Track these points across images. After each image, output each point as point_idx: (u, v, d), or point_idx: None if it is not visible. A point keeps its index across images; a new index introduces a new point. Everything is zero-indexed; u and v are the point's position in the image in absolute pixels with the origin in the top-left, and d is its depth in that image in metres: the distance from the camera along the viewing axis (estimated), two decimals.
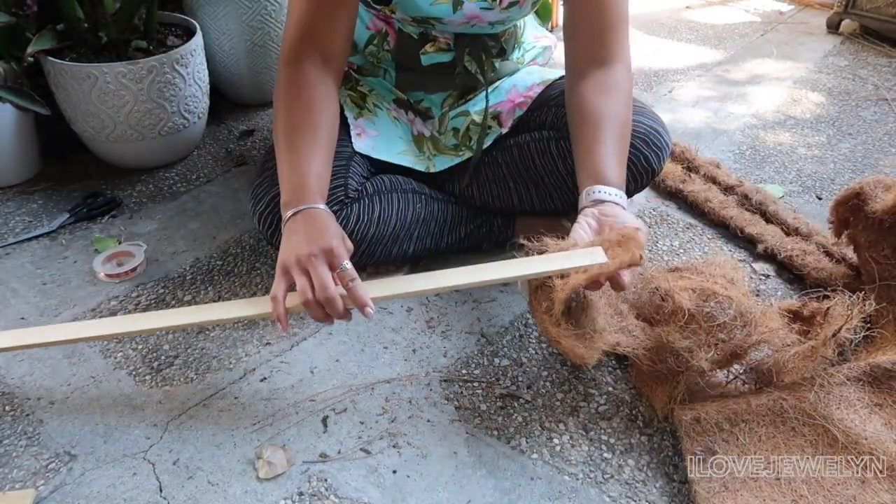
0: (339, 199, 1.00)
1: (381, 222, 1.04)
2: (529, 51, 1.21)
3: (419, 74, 1.10)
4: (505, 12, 1.00)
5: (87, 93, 1.29)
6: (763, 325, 0.85)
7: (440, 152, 1.14)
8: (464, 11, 0.97)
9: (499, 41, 1.10)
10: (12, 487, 0.82)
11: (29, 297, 1.11)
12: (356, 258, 1.04)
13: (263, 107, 1.74)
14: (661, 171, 1.09)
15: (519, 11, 1.01)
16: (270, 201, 0.98)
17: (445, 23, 1.00)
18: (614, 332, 0.88)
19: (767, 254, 1.21)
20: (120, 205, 1.34)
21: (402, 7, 0.97)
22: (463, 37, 1.06)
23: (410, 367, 0.99)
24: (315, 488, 0.82)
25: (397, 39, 1.07)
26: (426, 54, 1.07)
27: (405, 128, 1.14)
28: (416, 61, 1.08)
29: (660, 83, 1.95)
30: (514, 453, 0.87)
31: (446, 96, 1.13)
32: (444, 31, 1.04)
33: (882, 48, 2.17)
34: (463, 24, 1.01)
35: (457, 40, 1.06)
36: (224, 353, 1.01)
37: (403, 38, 1.07)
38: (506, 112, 1.12)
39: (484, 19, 1.00)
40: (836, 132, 1.67)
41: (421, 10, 0.97)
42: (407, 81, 1.12)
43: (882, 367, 0.85)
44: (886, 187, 1.02)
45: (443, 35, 1.06)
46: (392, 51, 1.09)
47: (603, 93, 0.93)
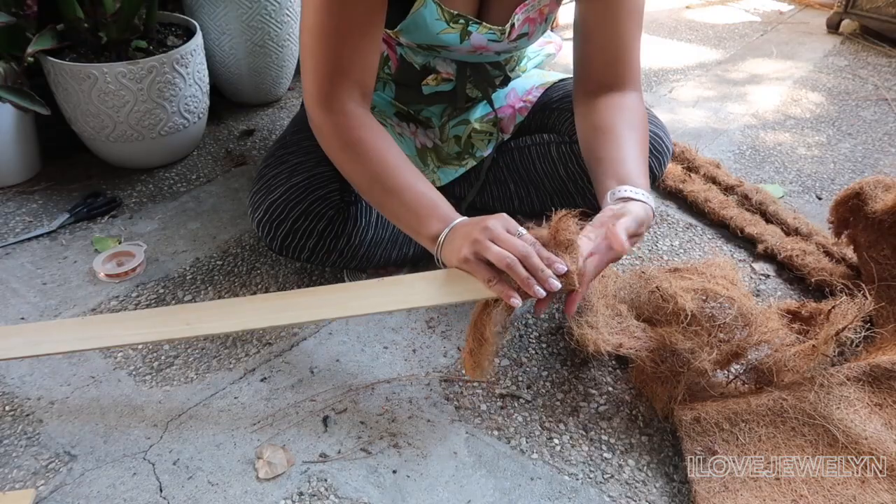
0: (334, 203, 0.99)
1: (378, 225, 1.03)
2: (533, 58, 1.19)
3: (419, 95, 1.09)
4: (513, 44, 0.98)
5: (87, 93, 1.29)
6: (763, 326, 0.85)
7: (444, 163, 1.14)
8: (471, 42, 0.95)
9: (503, 69, 1.08)
10: (12, 487, 0.81)
11: (29, 297, 1.11)
12: (355, 262, 1.05)
13: (263, 106, 1.74)
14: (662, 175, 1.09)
15: (527, 42, 1.00)
16: (268, 208, 0.97)
17: (452, 50, 0.98)
18: (616, 334, 0.88)
19: (767, 254, 1.21)
20: (120, 205, 1.34)
21: (407, 33, 0.95)
22: (466, 64, 1.05)
23: (410, 367, 0.99)
24: (315, 488, 0.82)
25: (399, 66, 1.05)
26: (427, 86, 1.06)
27: (409, 142, 1.13)
28: (417, 89, 1.07)
29: (660, 83, 1.95)
30: (514, 453, 0.87)
31: (445, 107, 1.12)
32: (449, 57, 1.03)
33: (882, 48, 2.17)
34: (469, 52, 0.99)
35: (459, 68, 1.05)
36: (224, 353, 1.01)
37: (405, 65, 1.04)
38: (507, 118, 1.12)
39: (490, 49, 0.98)
40: (836, 132, 1.67)
41: (428, 38, 0.95)
42: (406, 96, 1.09)
43: (882, 367, 0.85)
44: (886, 187, 1.02)
45: (445, 70, 1.04)
46: (392, 74, 1.07)
47: (619, 111, 0.91)
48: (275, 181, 0.99)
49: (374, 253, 1.05)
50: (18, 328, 0.90)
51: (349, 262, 1.04)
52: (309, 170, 0.99)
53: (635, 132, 0.90)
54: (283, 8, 1.58)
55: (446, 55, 1.01)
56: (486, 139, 1.14)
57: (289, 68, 1.71)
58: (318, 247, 0.99)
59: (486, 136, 1.14)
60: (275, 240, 0.98)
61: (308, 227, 0.97)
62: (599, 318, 0.89)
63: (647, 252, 1.24)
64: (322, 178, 0.98)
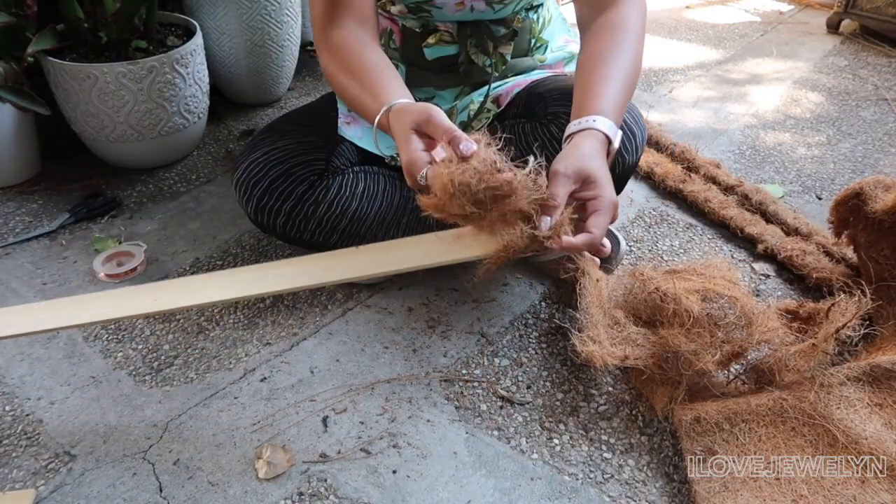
0: (318, 170, 0.98)
1: (364, 198, 1.01)
2: (556, 52, 1.15)
3: (428, 71, 1.07)
4: None
5: (87, 93, 1.29)
6: (763, 325, 0.85)
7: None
8: None
9: (509, 26, 1.05)
10: (12, 487, 0.81)
11: (29, 297, 1.11)
12: (336, 237, 1.01)
13: (263, 107, 1.74)
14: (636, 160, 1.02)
15: None
16: (248, 167, 0.97)
17: (439, 6, 0.97)
18: (619, 344, 0.87)
19: (767, 254, 1.21)
20: (120, 205, 1.34)
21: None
22: (465, 26, 1.03)
23: (410, 367, 0.99)
24: (315, 488, 0.82)
25: (402, 36, 1.05)
26: (429, 47, 1.04)
27: None
28: (422, 56, 1.05)
29: (660, 83, 1.95)
30: (514, 453, 0.87)
31: (458, 92, 1.10)
32: (442, 19, 1.01)
33: (882, 48, 2.17)
34: (458, 6, 0.97)
35: (460, 30, 1.03)
36: (224, 353, 1.01)
37: (406, 33, 1.05)
38: (504, 93, 1.08)
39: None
40: (836, 132, 1.67)
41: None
42: (417, 77, 1.08)
43: (882, 367, 0.85)
44: (886, 187, 1.02)
45: (444, 25, 1.03)
46: (399, 48, 1.07)
47: (605, 33, 0.89)
48: (261, 143, 0.99)
49: (357, 229, 1.02)
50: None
51: (329, 235, 1.01)
52: (298, 137, 0.98)
53: (619, 54, 0.88)
54: (283, 8, 1.58)
55: (438, 15, 1.00)
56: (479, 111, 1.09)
57: (289, 68, 1.71)
58: (295, 211, 0.97)
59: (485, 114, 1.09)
60: (250, 200, 0.97)
61: (287, 188, 0.96)
62: (601, 331, 0.88)
63: (647, 252, 1.24)
64: (310, 146, 0.97)
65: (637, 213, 1.34)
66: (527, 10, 1.06)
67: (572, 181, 0.78)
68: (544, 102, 1.00)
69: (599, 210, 0.79)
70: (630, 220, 1.32)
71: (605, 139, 0.82)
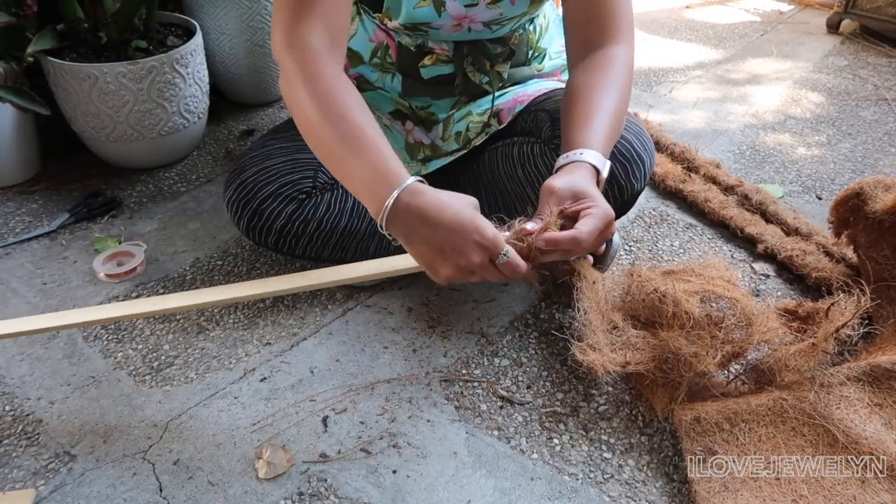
0: (306, 189, 0.97)
1: (353, 215, 1.01)
2: (554, 59, 1.14)
3: (425, 83, 1.07)
4: (493, 8, 0.94)
5: (87, 93, 1.29)
6: (763, 325, 0.85)
7: (436, 156, 1.11)
8: (449, 13, 0.93)
9: (507, 45, 1.04)
10: (12, 487, 0.81)
11: (29, 297, 1.11)
12: (328, 252, 1.03)
13: (263, 106, 1.74)
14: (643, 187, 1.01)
15: (512, 8, 0.95)
16: (238, 187, 0.98)
17: (436, 27, 0.96)
18: (619, 349, 0.87)
19: (767, 254, 1.21)
20: (120, 205, 1.34)
21: (395, 13, 0.94)
22: (462, 45, 1.02)
23: (410, 367, 0.99)
24: (315, 488, 0.82)
25: (398, 52, 1.04)
26: (425, 67, 1.04)
27: (398, 136, 1.11)
28: (418, 74, 1.05)
29: (660, 83, 1.95)
30: (514, 453, 0.87)
31: (455, 101, 1.10)
32: (439, 39, 1.01)
33: (882, 48, 2.17)
34: (455, 27, 0.96)
35: (456, 49, 1.02)
36: (224, 353, 1.01)
37: (402, 50, 1.04)
38: (506, 109, 1.08)
39: (476, 19, 0.95)
40: (836, 132, 1.67)
41: (408, 16, 0.93)
42: (413, 88, 1.08)
43: (882, 367, 0.85)
44: (886, 187, 1.02)
45: (440, 46, 1.02)
46: (395, 63, 1.06)
47: (594, 70, 0.89)
48: (250, 162, 0.99)
49: (348, 244, 1.03)
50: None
51: (321, 250, 1.03)
52: (287, 155, 0.98)
53: (606, 90, 0.87)
54: None
55: (435, 35, 0.99)
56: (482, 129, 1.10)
57: None
58: (286, 230, 0.99)
59: (483, 127, 1.09)
60: (241, 220, 0.98)
61: (276, 208, 0.97)
62: (600, 338, 0.87)
63: (647, 252, 1.24)
64: (298, 164, 0.98)
65: (637, 213, 1.34)
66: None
67: (563, 196, 0.80)
68: (552, 123, 0.99)
69: (591, 215, 0.80)
70: (630, 220, 1.32)
71: (594, 170, 0.83)
